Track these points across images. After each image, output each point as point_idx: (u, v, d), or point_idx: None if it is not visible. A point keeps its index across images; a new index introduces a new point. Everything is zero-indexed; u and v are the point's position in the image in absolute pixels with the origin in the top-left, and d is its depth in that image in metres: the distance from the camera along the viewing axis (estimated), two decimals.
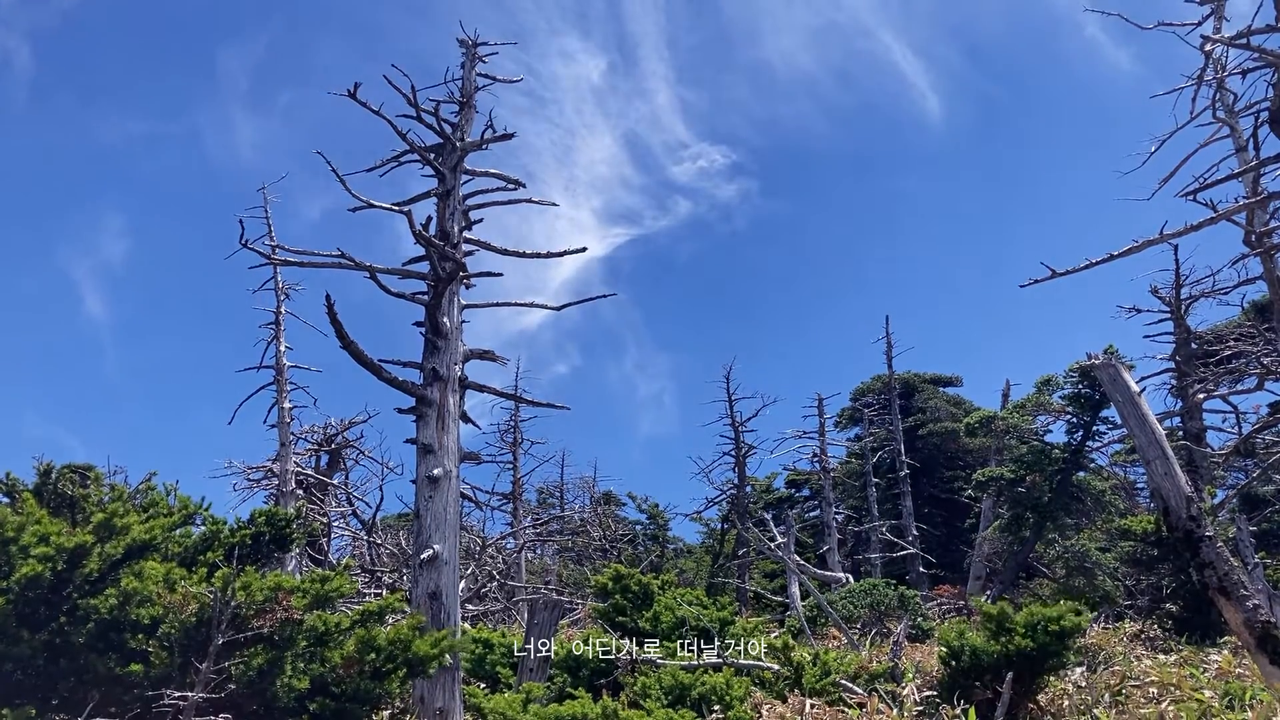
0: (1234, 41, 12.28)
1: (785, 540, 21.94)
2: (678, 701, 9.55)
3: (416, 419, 11.57)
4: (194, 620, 6.33)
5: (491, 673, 12.71)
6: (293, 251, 12.45)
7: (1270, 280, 16.35)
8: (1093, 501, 22.20)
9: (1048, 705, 9.90)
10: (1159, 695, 9.65)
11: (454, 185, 13.04)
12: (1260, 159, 13.02)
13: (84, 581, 6.33)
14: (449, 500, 11.25)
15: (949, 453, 37.24)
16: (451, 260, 11.89)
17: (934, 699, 10.02)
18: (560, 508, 37.46)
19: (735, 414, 34.48)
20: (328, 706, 6.60)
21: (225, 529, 8.61)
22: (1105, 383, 7.45)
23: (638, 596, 13.26)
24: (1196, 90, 14.70)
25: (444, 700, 10.02)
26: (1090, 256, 10.89)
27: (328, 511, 25.09)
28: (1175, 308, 25.03)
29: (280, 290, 23.99)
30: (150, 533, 6.88)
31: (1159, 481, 6.73)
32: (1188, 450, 21.55)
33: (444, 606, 10.64)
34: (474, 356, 12.63)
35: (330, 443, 27.03)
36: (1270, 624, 6.09)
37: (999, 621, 9.90)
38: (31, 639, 6.04)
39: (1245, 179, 14.26)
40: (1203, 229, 11.32)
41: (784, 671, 10.98)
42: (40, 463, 8.17)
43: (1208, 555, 6.35)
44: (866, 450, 36.13)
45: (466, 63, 14.23)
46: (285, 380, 23.73)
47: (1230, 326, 23.85)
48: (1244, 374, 21.14)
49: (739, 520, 32.65)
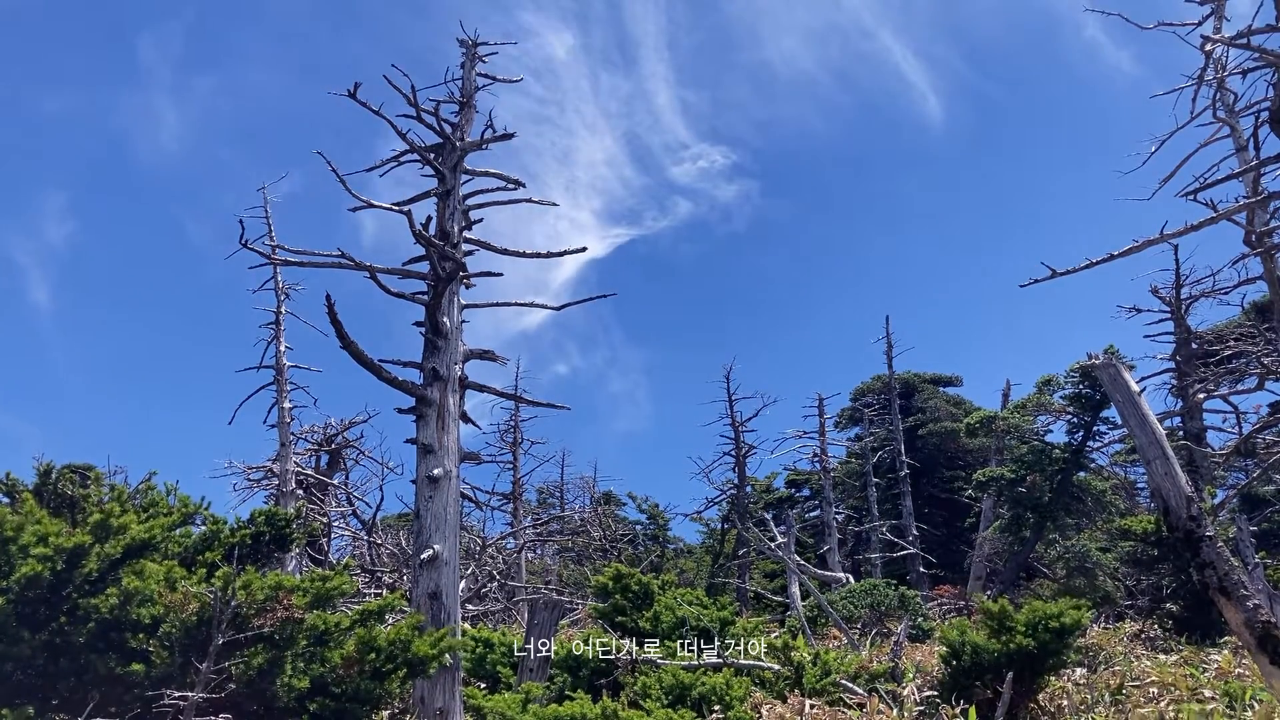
0: (1234, 41, 12.28)
1: (785, 540, 21.93)
2: (678, 701, 9.55)
3: (416, 419, 11.57)
4: (194, 619, 6.32)
5: (491, 673, 12.70)
6: (292, 251, 12.46)
7: (1270, 280, 16.34)
8: (1093, 501, 22.19)
9: (1048, 705, 9.89)
10: (1159, 695, 9.65)
11: (454, 185, 13.04)
12: (1260, 159, 13.03)
13: (84, 581, 6.33)
14: (449, 500, 11.25)
15: (949, 453, 37.23)
16: (451, 260, 11.89)
17: (934, 699, 10.01)
18: (560, 508, 37.46)
19: (735, 414, 34.49)
20: (328, 706, 6.60)
21: (225, 529, 8.62)
22: (1106, 383, 7.44)
23: (638, 596, 13.26)
24: (1197, 90, 14.71)
25: (444, 700, 10.02)
26: (1090, 256, 10.90)
27: (328, 511, 25.09)
28: (1175, 308, 25.03)
29: (280, 290, 23.99)
30: (150, 532, 6.88)
31: (1159, 481, 6.72)
32: (1188, 450, 21.55)
33: (444, 606, 10.63)
34: (474, 356, 12.63)
35: (330, 443, 27.04)
36: (1271, 624, 6.08)
37: (999, 619, 9.89)
38: (32, 639, 6.04)
39: (1245, 179, 14.25)
40: (1203, 229, 11.33)
41: (784, 671, 10.98)
42: (40, 463, 8.17)
43: (1208, 555, 6.35)
44: (867, 450, 36.12)
45: (466, 63, 14.23)
46: (285, 380, 23.73)
47: (1230, 326, 23.85)
48: (1244, 374, 21.14)
49: (739, 520, 32.64)
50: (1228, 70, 14.18)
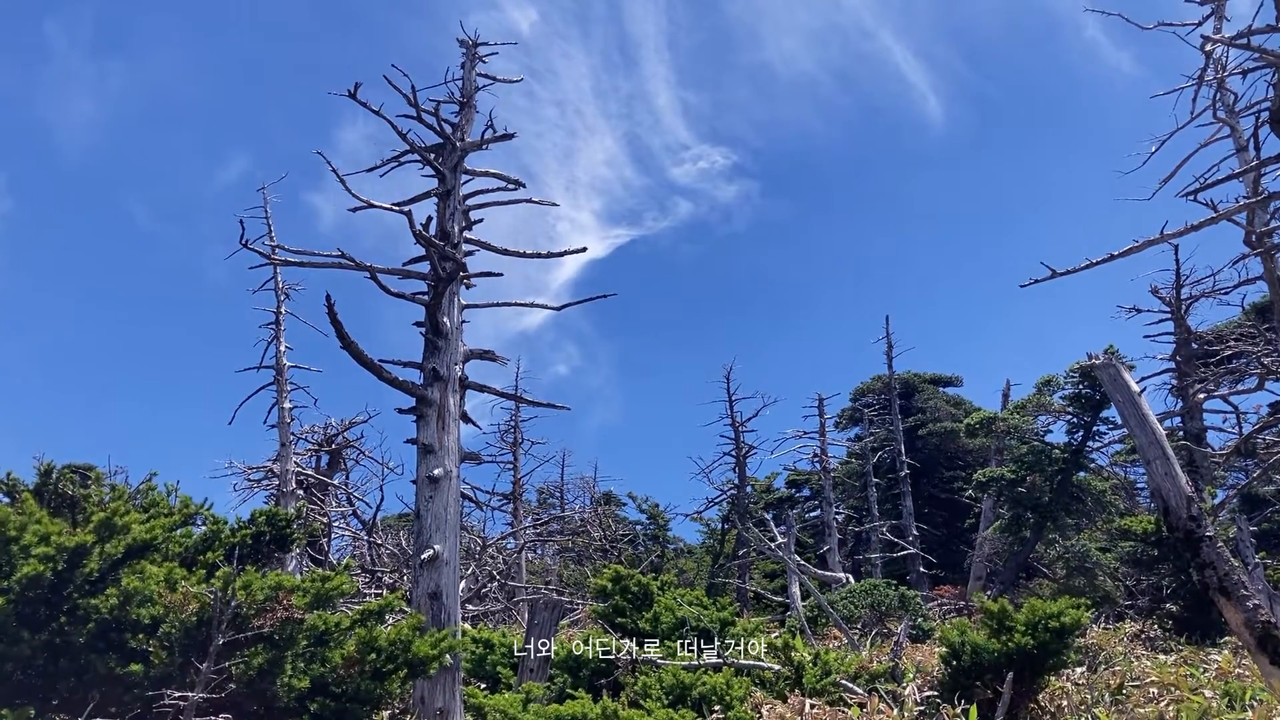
0: (1234, 41, 12.28)
1: (785, 540, 21.93)
2: (678, 701, 9.55)
3: (417, 419, 11.57)
4: (194, 620, 6.32)
5: (492, 673, 12.71)
6: (292, 251, 12.45)
7: (1270, 280, 16.34)
8: (1093, 502, 22.19)
9: (1048, 705, 9.89)
10: (1159, 695, 9.65)
11: (454, 185, 13.04)
12: (1260, 159, 13.03)
13: (84, 581, 6.33)
14: (449, 500, 11.24)
15: (949, 453, 37.23)
16: (451, 260, 11.89)
17: (934, 699, 10.01)
18: (560, 508, 37.47)
19: (735, 414, 34.51)
20: (328, 706, 6.60)
21: (226, 529, 8.61)
22: (1106, 383, 7.44)
23: (637, 597, 13.26)
24: (1197, 90, 14.73)
25: (444, 700, 10.02)
26: (1090, 256, 10.90)
27: (328, 512, 25.10)
28: (1176, 308, 25.03)
29: (280, 290, 24.00)
30: (151, 532, 6.88)
31: (1159, 481, 6.72)
32: (1188, 450, 21.55)
33: (444, 607, 10.63)
34: (474, 356, 12.63)
35: (330, 443, 27.04)
36: (1271, 624, 6.08)
37: (999, 619, 9.89)
38: (32, 639, 6.04)
39: (1245, 179, 14.25)
40: (1203, 229, 11.33)
41: (784, 671, 10.98)
42: (41, 463, 8.17)
43: (1208, 555, 6.35)
44: (867, 450, 36.13)
45: (466, 63, 14.23)
46: (285, 380, 23.74)
47: (1230, 326, 23.84)
48: (1244, 374, 21.14)
49: (739, 520, 32.64)
50: (1228, 70, 14.18)
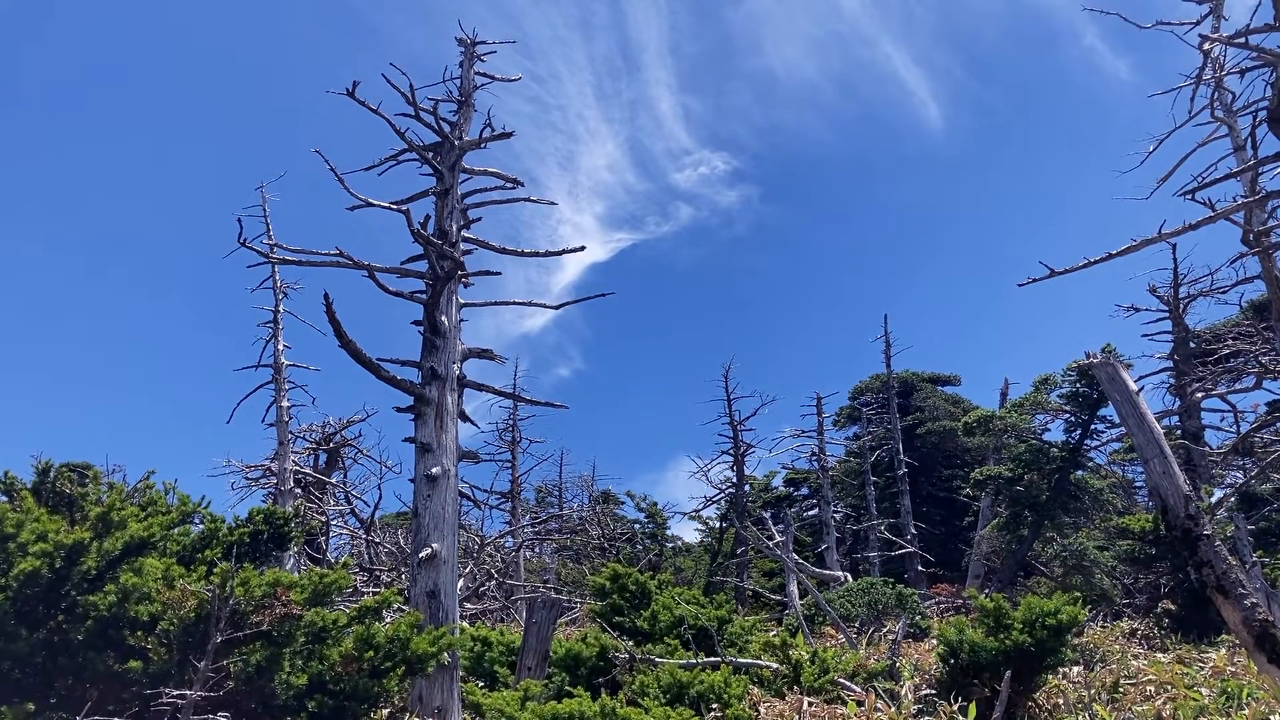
0: (1232, 40, 12.28)
1: (783, 539, 21.94)
2: (676, 700, 9.54)
3: (415, 418, 11.56)
4: (192, 617, 6.32)
5: (490, 671, 12.71)
6: (291, 250, 12.45)
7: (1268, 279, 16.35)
8: (1091, 500, 22.23)
9: (1045, 702, 9.90)
10: (1155, 693, 9.67)
11: (452, 184, 13.03)
12: (1259, 158, 13.03)
13: (82, 579, 6.33)
14: (447, 499, 11.24)
15: (947, 451, 37.25)
16: (450, 259, 11.88)
17: (932, 697, 10.02)
18: (559, 506, 37.49)
19: (734, 413, 34.52)
20: (326, 704, 6.59)
21: (224, 527, 8.60)
22: (1103, 381, 7.45)
23: (635, 596, 13.26)
24: (1195, 89, 14.74)
25: (442, 698, 10.03)
26: (1088, 255, 10.89)
27: (326, 510, 25.08)
28: (1174, 307, 25.05)
29: (278, 289, 23.98)
30: (149, 530, 6.87)
31: (1157, 480, 6.73)
32: (1186, 449, 21.58)
33: (442, 605, 10.64)
34: (472, 355, 12.62)
35: (329, 441, 27.03)
36: (1268, 622, 6.10)
37: (997, 617, 9.90)
38: (30, 636, 6.04)
39: (1244, 178, 14.27)
40: (1201, 228, 11.31)
41: (782, 670, 10.98)
42: (38, 461, 8.16)
43: (1206, 554, 6.36)
44: (865, 449, 36.15)
45: (465, 61, 14.22)
46: (283, 379, 23.72)
47: (1228, 325, 23.86)
48: (1242, 373, 21.14)
49: (737, 519, 32.66)
50: (1226, 70, 14.19)
